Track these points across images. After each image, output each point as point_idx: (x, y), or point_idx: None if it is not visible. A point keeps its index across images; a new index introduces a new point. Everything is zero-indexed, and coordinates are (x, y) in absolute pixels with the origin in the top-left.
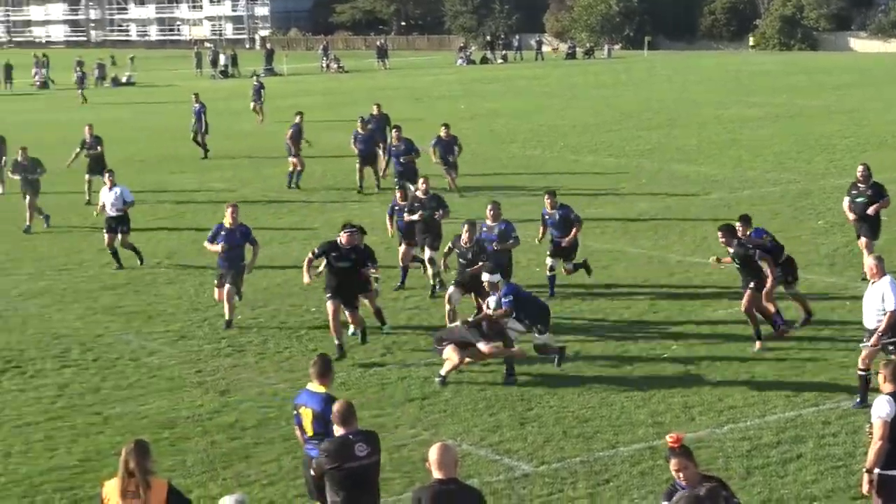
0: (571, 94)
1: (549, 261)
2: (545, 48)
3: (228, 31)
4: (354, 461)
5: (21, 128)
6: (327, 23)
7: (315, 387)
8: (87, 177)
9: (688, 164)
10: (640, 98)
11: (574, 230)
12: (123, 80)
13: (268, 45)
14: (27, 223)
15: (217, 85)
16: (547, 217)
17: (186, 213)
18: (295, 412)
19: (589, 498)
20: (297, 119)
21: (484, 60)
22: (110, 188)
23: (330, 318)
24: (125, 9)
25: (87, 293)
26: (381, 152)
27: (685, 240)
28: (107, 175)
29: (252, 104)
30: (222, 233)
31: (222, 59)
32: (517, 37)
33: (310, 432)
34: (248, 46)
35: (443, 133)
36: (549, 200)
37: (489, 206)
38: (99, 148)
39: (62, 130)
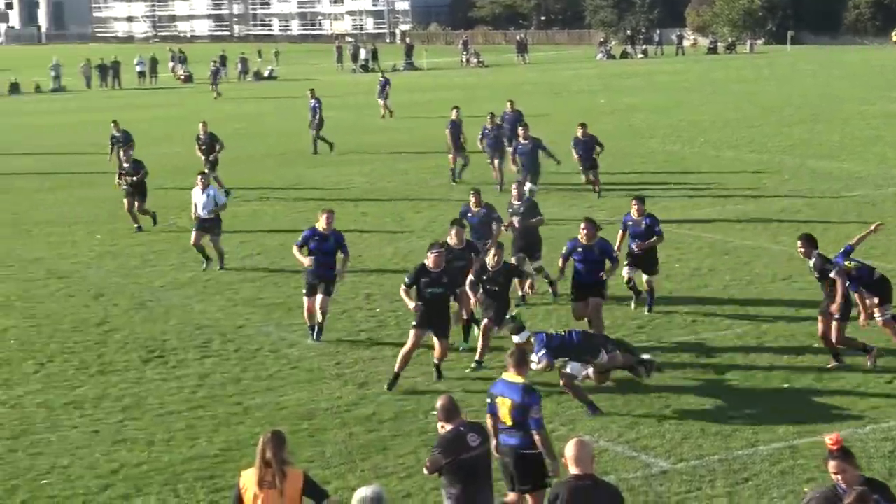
0: (712, 89)
1: (626, 271)
2: (686, 43)
3: (369, 25)
4: (469, 452)
5: (156, 123)
6: (467, 17)
7: (512, 377)
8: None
9: (830, 161)
10: (782, 93)
11: (654, 238)
12: (265, 74)
13: (407, 40)
14: (152, 222)
15: (357, 79)
16: (631, 224)
17: (324, 206)
18: (489, 401)
19: (727, 496)
20: (454, 114)
21: (624, 55)
22: (202, 190)
23: (407, 347)
24: (267, 3)
25: (227, 285)
26: (508, 150)
27: (828, 237)
28: (199, 177)
29: (379, 100)
30: (316, 237)
31: (363, 54)
32: (658, 31)
33: (508, 421)
34: (388, 41)
35: (579, 133)
36: (636, 207)
37: (583, 225)
38: (216, 146)
39: (189, 126)
